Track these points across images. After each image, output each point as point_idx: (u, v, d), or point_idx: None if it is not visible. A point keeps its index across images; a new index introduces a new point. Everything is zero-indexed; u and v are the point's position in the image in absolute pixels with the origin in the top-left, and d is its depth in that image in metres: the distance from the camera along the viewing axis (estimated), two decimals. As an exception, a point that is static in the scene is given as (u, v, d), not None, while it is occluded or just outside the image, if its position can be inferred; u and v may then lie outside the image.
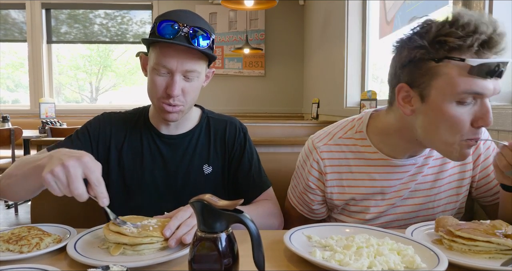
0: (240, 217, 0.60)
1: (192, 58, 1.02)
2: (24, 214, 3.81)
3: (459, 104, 0.86)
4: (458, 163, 1.08)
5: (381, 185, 1.05)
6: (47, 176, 0.76)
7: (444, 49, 0.84)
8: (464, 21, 0.83)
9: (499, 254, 0.77)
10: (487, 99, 0.86)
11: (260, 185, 1.18)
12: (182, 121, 1.16)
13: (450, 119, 0.87)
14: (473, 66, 0.82)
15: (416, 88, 0.90)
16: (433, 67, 0.86)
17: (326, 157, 1.07)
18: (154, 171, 1.13)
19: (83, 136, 1.13)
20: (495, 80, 0.84)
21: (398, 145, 1.02)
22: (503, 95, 1.43)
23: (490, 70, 0.82)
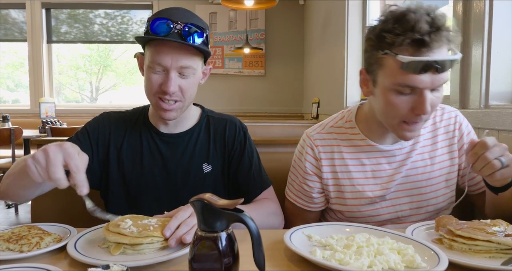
0: (240, 216, 0.60)
1: (187, 54, 1.03)
2: (24, 214, 3.81)
3: (398, 94, 0.95)
4: (446, 151, 1.13)
5: (371, 169, 1.11)
6: (28, 160, 0.77)
7: (384, 44, 0.93)
8: (406, 18, 0.90)
9: (499, 254, 0.77)
10: (425, 91, 0.92)
11: (261, 184, 1.18)
12: (182, 120, 1.16)
13: (390, 106, 0.97)
14: (404, 63, 0.90)
15: (370, 73, 1.02)
16: (379, 58, 0.96)
17: (319, 144, 1.14)
18: (154, 170, 1.13)
19: (83, 137, 1.14)
20: (431, 75, 0.91)
21: (377, 130, 1.10)
22: (503, 95, 1.43)
23: (420, 67, 0.89)
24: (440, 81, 0.93)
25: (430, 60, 0.89)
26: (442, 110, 1.17)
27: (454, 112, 1.17)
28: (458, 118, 1.16)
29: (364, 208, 1.11)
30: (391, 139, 1.11)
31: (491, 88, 1.43)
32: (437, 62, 0.89)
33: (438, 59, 0.89)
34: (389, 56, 0.93)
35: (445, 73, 0.93)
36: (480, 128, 1.35)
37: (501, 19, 1.40)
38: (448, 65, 0.91)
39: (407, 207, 1.12)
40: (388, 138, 1.11)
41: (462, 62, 1.55)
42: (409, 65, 0.89)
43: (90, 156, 1.12)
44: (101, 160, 1.14)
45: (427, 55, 0.89)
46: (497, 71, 1.42)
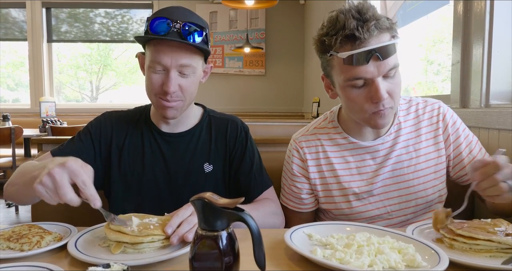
0: (241, 215, 0.60)
1: (186, 53, 1.03)
2: (25, 213, 3.82)
3: (353, 88, 1.01)
4: (431, 143, 1.14)
5: (356, 166, 1.13)
6: (37, 187, 0.76)
7: (326, 47, 1.01)
8: (337, 20, 0.98)
9: (500, 253, 0.77)
10: (377, 79, 0.97)
11: (262, 184, 1.18)
12: (183, 119, 1.16)
13: (350, 101, 1.03)
14: (344, 59, 0.97)
15: (328, 77, 1.10)
16: (328, 61, 1.04)
17: (304, 146, 1.18)
18: (155, 169, 1.13)
19: (85, 137, 1.14)
20: (375, 63, 0.96)
21: (356, 127, 1.13)
22: (504, 94, 1.43)
23: (360, 59, 0.95)
24: (386, 67, 0.96)
25: (366, 50, 0.94)
26: (425, 103, 1.18)
27: (437, 103, 1.17)
28: (441, 110, 1.16)
29: (352, 204, 1.13)
30: (372, 135, 1.13)
31: (492, 88, 1.43)
32: (374, 50, 0.94)
33: (373, 47, 0.94)
34: (333, 57, 1.00)
35: (390, 59, 0.97)
36: (480, 128, 1.35)
37: (501, 19, 1.40)
38: (387, 50, 0.96)
39: (396, 201, 1.12)
40: (367, 133, 1.13)
41: (463, 62, 1.55)
42: (349, 60, 0.96)
43: (93, 156, 1.12)
44: (103, 160, 1.14)
45: (363, 46, 0.95)
46: (498, 70, 1.41)
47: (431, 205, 1.14)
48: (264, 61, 5.60)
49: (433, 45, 2.91)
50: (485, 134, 1.33)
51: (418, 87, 2.95)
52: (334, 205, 1.15)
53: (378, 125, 1.05)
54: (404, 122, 1.15)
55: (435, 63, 2.95)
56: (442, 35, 2.69)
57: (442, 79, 2.72)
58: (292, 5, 5.48)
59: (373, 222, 1.12)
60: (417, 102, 1.18)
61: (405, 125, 1.14)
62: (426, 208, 1.13)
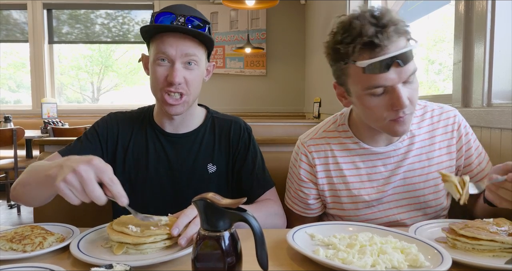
0: (243, 215, 0.60)
1: (191, 43, 1.05)
2: (27, 214, 3.82)
3: (372, 96, 0.96)
4: (444, 152, 1.11)
5: (366, 173, 1.10)
6: (60, 185, 0.74)
7: (341, 55, 0.95)
8: (352, 26, 0.92)
9: (503, 253, 0.77)
10: (398, 86, 0.93)
11: (264, 184, 1.18)
12: (187, 120, 1.16)
13: (369, 109, 0.98)
14: (364, 68, 0.92)
15: (342, 85, 1.04)
16: (343, 69, 0.98)
17: (313, 150, 1.13)
18: (159, 169, 1.14)
19: (92, 137, 1.14)
20: (396, 70, 0.91)
21: (367, 133, 1.10)
22: (506, 93, 1.42)
23: (381, 67, 0.90)
24: (407, 73, 0.93)
25: (387, 58, 0.90)
26: (441, 110, 1.15)
27: (452, 112, 1.15)
28: (456, 119, 1.13)
29: (361, 212, 1.11)
30: (384, 141, 1.10)
31: (494, 87, 1.42)
32: (395, 57, 0.90)
33: (395, 54, 0.90)
34: (350, 65, 0.95)
35: (410, 64, 0.93)
36: (482, 127, 1.35)
37: (503, 18, 1.39)
38: (408, 56, 0.92)
39: (406, 209, 1.11)
40: (381, 140, 1.10)
41: (464, 61, 1.55)
42: (369, 68, 0.91)
43: (100, 156, 1.12)
44: (109, 160, 1.15)
45: (383, 54, 0.90)
46: (500, 69, 1.41)
47: (439, 214, 1.13)
48: (265, 61, 5.60)
49: (434, 45, 2.90)
50: (487, 133, 1.33)
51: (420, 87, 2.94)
52: (342, 211, 1.13)
53: (398, 133, 1.01)
54: (418, 130, 1.11)
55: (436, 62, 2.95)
56: (443, 35, 2.69)
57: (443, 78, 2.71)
58: (293, 5, 5.48)
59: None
60: (433, 108, 1.15)
61: (419, 132, 1.11)
62: (435, 217, 1.12)
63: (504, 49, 1.40)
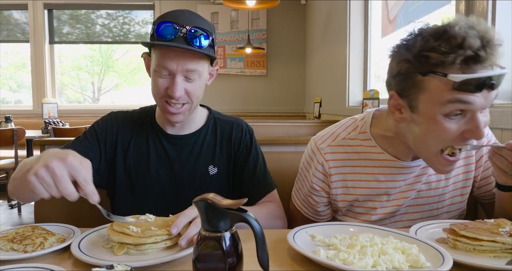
0: (244, 216, 0.60)
1: (192, 58, 1.02)
2: (27, 214, 3.82)
3: (447, 117, 0.85)
4: (462, 163, 1.07)
5: (385, 186, 1.04)
6: (31, 178, 0.74)
7: (429, 64, 0.83)
8: (450, 34, 0.81)
9: (504, 253, 0.77)
10: (478, 113, 0.84)
11: (265, 187, 1.17)
12: (189, 121, 1.16)
13: (438, 132, 0.87)
14: (456, 82, 0.80)
15: (405, 98, 0.90)
16: (419, 81, 0.86)
17: (330, 158, 1.06)
18: (160, 171, 1.13)
19: (91, 136, 1.14)
20: (485, 93, 0.82)
21: (400, 147, 1.02)
22: (506, 93, 1.42)
23: (475, 85, 0.80)
24: (492, 99, 0.84)
25: (486, 77, 0.79)
26: None
27: None
28: None
29: (373, 224, 1.06)
30: (410, 156, 1.02)
31: (494, 87, 1.42)
32: (492, 78, 0.80)
33: (493, 74, 0.80)
34: (434, 77, 0.83)
35: (496, 91, 0.84)
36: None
37: (503, 18, 1.40)
38: (500, 81, 0.83)
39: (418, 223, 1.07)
40: (408, 154, 1.02)
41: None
42: (462, 84, 0.80)
43: (98, 156, 1.12)
44: (108, 160, 1.14)
45: (479, 72, 0.80)
46: (500, 70, 1.41)
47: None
48: (266, 61, 5.60)
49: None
50: (488, 134, 1.32)
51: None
52: (354, 220, 1.10)
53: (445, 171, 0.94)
54: None
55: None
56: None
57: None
58: (293, 6, 5.48)
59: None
60: None
61: None
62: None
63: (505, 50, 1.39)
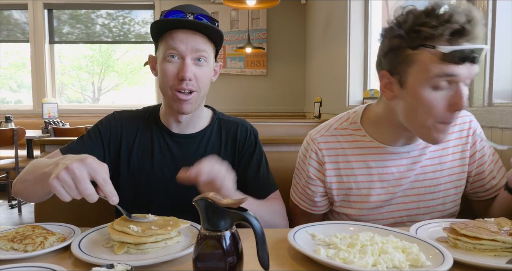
0: (244, 215, 0.60)
1: (201, 39, 1.06)
2: (28, 214, 3.82)
3: (434, 89, 0.91)
4: (457, 157, 1.10)
5: (377, 172, 1.08)
6: (53, 181, 0.75)
7: (419, 38, 0.90)
8: (439, 11, 0.88)
9: (504, 252, 0.77)
10: (462, 84, 0.90)
11: (268, 187, 1.18)
12: (194, 120, 1.16)
13: (426, 104, 0.92)
14: (444, 53, 0.87)
15: (395, 75, 0.96)
16: (409, 55, 0.92)
17: (323, 147, 1.11)
18: (164, 170, 1.13)
19: (95, 136, 1.14)
20: (469, 66, 0.89)
21: (388, 132, 1.06)
22: (507, 93, 1.42)
23: (461, 56, 0.87)
24: (474, 73, 0.91)
25: (470, 49, 0.87)
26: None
27: (468, 117, 1.12)
28: (472, 124, 1.11)
29: (369, 212, 1.10)
30: (401, 142, 1.07)
31: (495, 87, 1.43)
32: (475, 51, 0.87)
33: (477, 47, 0.87)
34: (423, 50, 0.89)
35: (477, 65, 0.91)
36: (484, 127, 1.35)
37: (504, 18, 1.40)
38: (481, 55, 0.90)
39: (413, 213, 1.10)
40: (398, 140, 1.06)
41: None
42: (449, 55, 0.87)
43: (102, 155, 1.12)
44: (113, 159, 1.14)
45: (470, 43, 0.88)
46: (501, 69, 1.41)
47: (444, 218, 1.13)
48: (266, 61, 5.60)
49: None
50: (488, 133, 1.33)
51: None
52: (350, 210, 1.12)
53: (438, 140, 0.96)
54: None
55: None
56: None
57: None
58: (294, 5, 5.48)
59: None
60: None
61: None
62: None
63: (505, 49, 1.40)
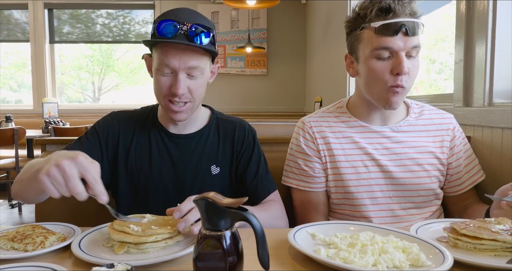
0: (244, 215, 0.60)
1: (194, 55, 1.02)
2: (28, 214, 3.83)
3: (378, 60, 1.08)
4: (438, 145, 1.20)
5: (363, 146, 1.18)
6: (42, 177, 0.75)
7: (361, 19, 1.09)
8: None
9: (504, 252, 0.77)
10: (400, 53, 1.05)
11: (268, 187, 1.18)
12: (191, 121, 1.16)
13: (373, 72, 1.09)
14: (376, 28, 1.05)
15: (353, 54, 1.16)
16: (358, 35, 1.12)
17: (313, 125, 1.23)
18: (162, 170, 1.13)
19: (92, 137, 1.14)
20: (403, 37, 1.04)
21: (364, 110, 1.20)
22: (507, 92, 1.42)
23: (392, 29, 1.03)
24: (411, 43, 1.05)
25: (397, 22, 1.03)
26: (439, 111, 1.27)
27: (450, 115, 1.26)
28: (453, 121, 1.25)
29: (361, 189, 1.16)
30: (380, 121, 1.20)
31: (495, 86, 1.42)
32: (404, 24, 1.03)
33: (405, 20, 1.03)
34: (365, 29, 1.08)
35: (415, 37, 1.05)
36: (484, 126, 1.35)
37: (505, 17, 1.39)
38: (415, 28, 1.04)
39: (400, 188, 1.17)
40: (376, 119, 1.20)
41: (466, 60, 1.55)
42: (380, 29, 1.04)
43: (100, 156, 1.12)
44: (111, 160, 1.14)
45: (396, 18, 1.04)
46: (501, 69, 1.41)
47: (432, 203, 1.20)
48: (266, 61, 5.60)
49: (435, 44, 2.89)
50: (488, 133, 1.32)
51: (420, 86, 2.94)
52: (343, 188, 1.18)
53: (391, 103, 1.10)
54: (416, 121, 1.22)
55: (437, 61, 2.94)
56: (444, 34, 2.68)
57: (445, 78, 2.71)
58: (294, 5, 5.47)
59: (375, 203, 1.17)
60: (431, 108, 1.27)
61: (416, 123, 1.21)
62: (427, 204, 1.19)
63: (506, 49, 1.40)
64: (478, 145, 1.36)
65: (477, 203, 1.21)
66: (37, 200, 1.02)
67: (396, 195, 1.17)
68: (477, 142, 1.37)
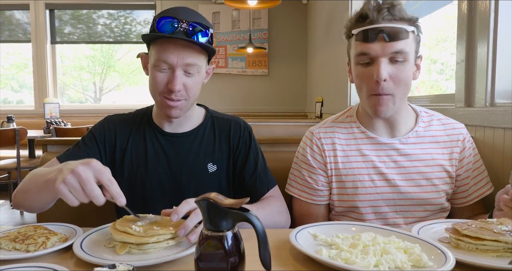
0: (246, 215, 0.60)
1: (192, 52, 1.04)
2: (30, 214, 3.83)
3: (360, 65, 1.08)
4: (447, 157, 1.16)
5: (371, 160, 1.15)
6: (60, 186, 0.75)
7: (348, 28, 1.12)
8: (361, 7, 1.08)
9: (506, 253, 0.77)
10: (382, 59, 1.03)
11: (267, 183, 1.18)
12: (186, 119, 1.16)
13: (357, 78, 1.10)
14: (355, 34, 1.07)
15: (349, 61, 1.18)
16: (349, 43, 1.14)
17: (322, 137, 1.21)
18: (159, 169, 1.14)
19: (90, 141, 1.15)
20: (382, 43, 1.03)
21: (369, 119, 1.18)
22: (509, 93, 1.42)
23: (367, 36, 1.04)
24: (391, 49, 1.03)
25: (373, 28, 1.03)
26: (449, 120, 1.22)
27: (460, 125, 1.22)
28: (464, 131, 1.20)
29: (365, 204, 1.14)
30: (387, 133, 1.17)
31: (497, 87, 1.42)
32: (381, 30, 1.02)
33: (380, 26, 1.02)
34: (352, 38, 1.10)
35: (398, 42, 1.03)
36: (485, 127, 1.35)
37: (506, 17, 1.39)
38: (395, 33, 1.02)
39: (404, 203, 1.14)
40: (383, 131, 1.17)
41: (467, 60, 1.54)
42: (359, 35, 1.06)
43: (98, 159, 1.12)
44: (109, 162, 1.15)
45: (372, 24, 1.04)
46: (503, 69, 1.41)
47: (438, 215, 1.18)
48: (267, 61, 5.60)
49: (437, 44, 2.89)
50: (490, 133, 1.32)
51: (422, 86, 2.93)
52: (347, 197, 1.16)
53: (378, 112, 1.08)
54: (424, 132, 1.17)
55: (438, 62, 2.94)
56: (446, 34, 2.68)
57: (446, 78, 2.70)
58: (295, 5, 5.47)
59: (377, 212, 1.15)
60: (440, 118, 1.22)
61: (425, 134, 1.17)
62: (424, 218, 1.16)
63: (507, 49, 1.39)
64: (480, 145, 1.36)
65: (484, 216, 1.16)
66: (43, 209, 1.02)
67: (402, 210, 1.14)
68: (479, 143, 1.37)
